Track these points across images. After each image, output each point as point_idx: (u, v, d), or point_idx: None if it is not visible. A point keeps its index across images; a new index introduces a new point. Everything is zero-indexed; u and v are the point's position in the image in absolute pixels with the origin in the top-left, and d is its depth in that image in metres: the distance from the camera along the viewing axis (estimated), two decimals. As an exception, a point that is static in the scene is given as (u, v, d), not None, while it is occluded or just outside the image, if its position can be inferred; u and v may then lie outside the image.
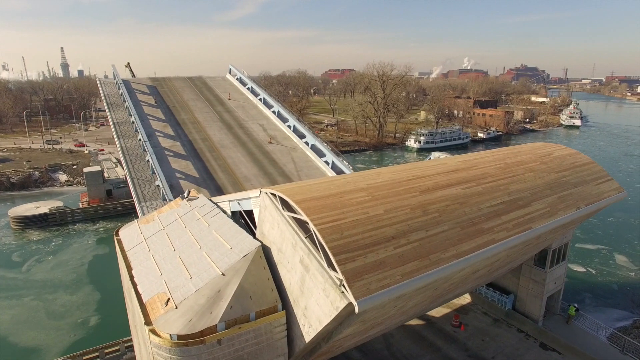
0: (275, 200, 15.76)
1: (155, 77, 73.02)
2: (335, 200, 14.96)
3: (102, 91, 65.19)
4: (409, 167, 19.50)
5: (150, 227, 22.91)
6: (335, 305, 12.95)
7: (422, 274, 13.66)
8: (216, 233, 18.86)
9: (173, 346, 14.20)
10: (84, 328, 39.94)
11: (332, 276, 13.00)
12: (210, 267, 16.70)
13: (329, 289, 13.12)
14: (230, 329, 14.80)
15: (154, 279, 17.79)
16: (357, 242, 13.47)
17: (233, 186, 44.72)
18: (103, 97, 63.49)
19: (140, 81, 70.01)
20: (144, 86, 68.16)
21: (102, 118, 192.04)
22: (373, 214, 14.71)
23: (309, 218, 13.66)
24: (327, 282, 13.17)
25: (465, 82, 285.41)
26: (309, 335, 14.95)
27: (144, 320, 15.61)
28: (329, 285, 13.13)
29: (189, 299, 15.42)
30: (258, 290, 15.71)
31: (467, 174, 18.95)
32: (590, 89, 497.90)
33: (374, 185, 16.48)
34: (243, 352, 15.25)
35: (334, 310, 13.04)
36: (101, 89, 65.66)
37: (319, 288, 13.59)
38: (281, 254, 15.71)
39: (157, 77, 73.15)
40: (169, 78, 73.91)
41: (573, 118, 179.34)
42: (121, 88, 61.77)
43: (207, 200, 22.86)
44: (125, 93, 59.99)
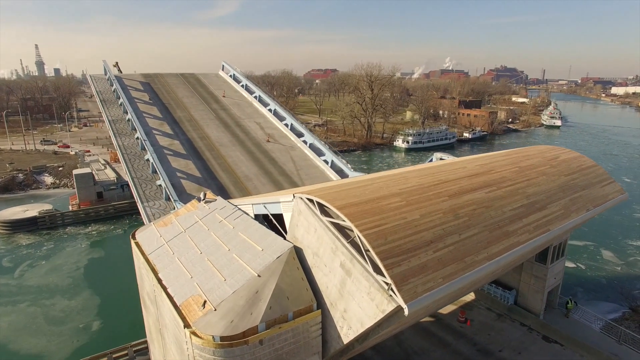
0: (313, 206, 16.17)
1: (147, 74, 71.59)
2: (373, 205, 15.48)
3: (94, 87, 63.84)
4: (432, 170, 20.14)
5: (169, 230, 22.96)
6: (381, 309, 13.46)
7: (461, 276, 14.31)
8: (243, 235, 19.11)
9: (217, 347, 14.47)
10: (86, 333, 39.41)
11: (379, 280, 13.50)
12: (243, 268, 16.97)
13: (375, 292, 13.62)
14: (271, 329, 15.16)
15: (185, 282, 17.96)
16: (400, 247, 14.02)
17: (235, 185, 44.77)
18: (95, 93, 62.17)
19: (132, 77, 68.54)
20: (137, 82, 66.82)
21: (84, 118, 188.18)
22: (410, 219, 15.29)
23: (353, 224, 14.14)
24: (373, 286, 13.67)
25: (447, 82, 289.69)
26: (348, 337, 15.43)
27: (182, 323, 15.79)
28: (374, 289, 13.64)
29: (227, 300, 15.68)
30: (294, 290, 16.10)
31: (488, 178, 19.74)
32: (567, 90, 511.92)
33: (406, 190, 17.07)
34: (282, 352, 15.63)
35: (380, 313, 13.55)
36: (93, 86, 64.15)
37: (363, 292, 14.08)
38: (317, 258, 16.13)
39: (149, 74, 71.72)
40: (161, 74, 72.34)
41: (554, 118, 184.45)
42: (115, 84, 60.51)
43: (226, 202, 23.06)
44: (119, 89, 58.88)
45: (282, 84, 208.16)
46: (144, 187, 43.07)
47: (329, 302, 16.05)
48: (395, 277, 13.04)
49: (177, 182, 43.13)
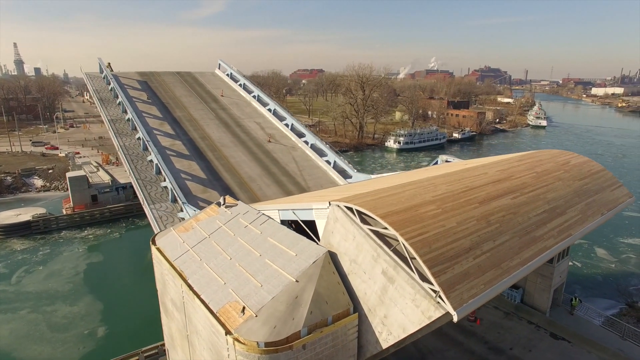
0: (352, 214, 16.48)
1: (144, 72, 70.72)
2: (412, 214, 15.87)
3: (90, 86, 62.83)
4: (456, 176, 20.64)
5: (191, 236, 22.97)
6: (427, 315, 13.85)
7: (500, 282, 14.81)
8: (272, 240, 19.27)
9: (262, 353, 14.66)
10: (92, 340, 38.93)
11: (426, 288, 13.88)
12: (279, 274, 17.16)
13: (421, 299, 14.00)
14: (313, 334, 15.41)
15: (218, 288, 18.05)
16: (443, 255, 14.43)
17: (240, 187, 44.79)
18: (92, 92, 61.24)
19: (128, 76, 67.58)
20: (133, 81, 65.97)
21: (69, 119, 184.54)
22: (449, 226, 15.73)
23: (398, 233, 14.50)
24: (419, 293, 14.05)
25: (433, 82, 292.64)
26: (387, 342, 15.78)
27: (223, 329, 15.92)
28: (420, 296, 14.01)
29: (267, 306, 15.85)
30: (332, 294, 16.38)
31: (510, 184, 20.34)
32: (549, 90, 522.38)
33: (439, 197, 17.51)
34: (322, 355, 15.91)
35: (425, 319, 13.94)
36: (90, 84, 63.20)
37: (407, 299, 14.44)
38: (355, 265, 16.44)
39: (145, 72, 70.87)
40: (157, 73, 71.84)
41: (539, 119, 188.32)
42: (112, 82, 59.75)
43: (248, 207, 23.18)
44: (117, 88, 58.19)
45: (270, 85, 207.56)
46: (149, 189, 42.71)
47: (367, 308, 16.38)
48: (442, 285, 13.45)
49: (182, 183, 42.93)
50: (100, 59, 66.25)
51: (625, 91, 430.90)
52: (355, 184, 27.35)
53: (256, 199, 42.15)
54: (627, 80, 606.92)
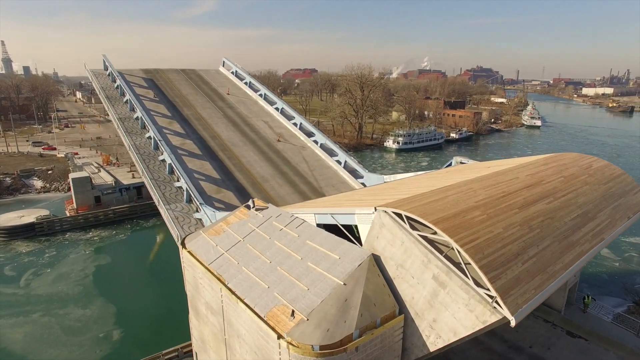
0: (400, 219, 16.78)
1: (148, 69, 69.85)
2: (461, 220, 16.23)
3: (96, 83, 61.55)
4: (491, 181, 21.04)
5: (224, 239, 23.07)
6: (482, 319, 14.21)
7: (548, 286, 15.23)
8: (312, 243, 19.45)
9: (317, 357, 14.91)
10: (108, 343, 38.82)
11: (481, 293, 14.24)
12: (324, 277, 17.38)
13: (475, 304, 14.36)
14: (364, 336, 15.72)
15: (262, 292, 18.22)
16: (495, 261, 14.81)
17: (253, 187, 44.68)
18: (99, 90, 60.06)
19: (133, 73, 66.64)
20: (139, 79, 65.16)
21: (63, 119, 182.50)
22: (496, 232, 16.12)
23: (452, 239, 14.84)
24: (473, 298, 14.41)
25: (426, 82, 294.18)
26: (436, 346, 16.12)
27: (274, 333, 16.13)
28: (475, 301, 14.37)
29: (318, 310, 16.07)
30: (378, 297, 16.69)
31: (543, 189, 20.80)
32: (541, 90, 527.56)
33: (482, 203, 17.89)
34: (371, 357, 16.23)
35: (480, 324, 14.30)
36: (95, 81, 62.00)
37: (460, 303, 14.79)
38: (402, 269, 16.76)
39: (149, 69, 70.02)
40: (162, 70, 71.06)
41: (534, 119, 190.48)
42: (119, 80, 58.80)
43: (280, 210, 23.37)
44: (124, 86, 57.29)
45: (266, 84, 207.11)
46: (163, 189, 42.29)
47: (414, 312, 16.70)
48: (499, 290, 13.81)
49: (195, 183, 42.62)
50: (105, 56, 65.00)
51: (615, 91, 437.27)
52: (381, 187, 27.63)
53: (270, 199, 42.26)
54: (616, 80, 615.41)
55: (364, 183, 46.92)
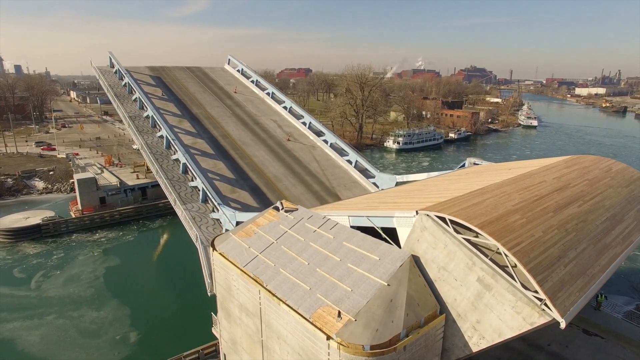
0: (444, 223, 17.20)
1: (154, 66, 69.52)
2: (503, 223, 16.68)
3: (104, 81, 61.11)
4: (521, 185, 21.52)
5: (256, 241, 23.30)
6: (530, 321, 14.67)
7: (590, 289, 15.74)
8: (349, 245, 19.76)
9: (368, 357, 15.28)
10: (125, 345, 38.90)
11: (529, 295, 14.70)
12: (366, 278, 17.69)
13: (523, 306, 14.82)
14: (412, 335, 16.12)
15: (304, 294, 18.49)
16: (541, 264, 15.28)
17: (266, 187, 44.85)
18: (107, 88, 59.66)
19: (139, 70, 66.23)
20: (146, 76, 64.85)
21: (59, 119, 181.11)
22: (537, 236, 16.60)
23: (499, 242, 15.29)
24: (521, 300, 14.86)
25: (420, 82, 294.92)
26: (479, 346, 16.57)
27: (323, 334, 16.45)
28: (522, 303, 14.83)
29: (364, 310, 16.38)
30: (421, 297, 17.10)
31: (571, 193, 21.35)
32: (534, 90, 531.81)
33: (519, 207, 18.37)
34: (416, 356, 16.64)
35: (527, 325, 14.76)
36: (103, 79, 61.58)
37: (506, 305, 15.24)
38: (445, 272, 17.18)
39: (155, 66, 69.70)
40: (168, 67, 70.75)
41: (530, 119, 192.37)
42: (127, 78, 58.56)
43: (311, 212, 23.69)
44: (133, 84, 56.95)
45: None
46: (178, 189, 42.27)
47: (456, 313, 17.13)
48: (547, 293, 14.28)
49: (210, 183, 42.37)
50: (111, 53, 64.48)
51: (607, 92, 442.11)
52: (407, 188, 27.98)
53: (284, 198, 42.55)
54: (608, 80, 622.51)
55: (375, 183, 47.25)
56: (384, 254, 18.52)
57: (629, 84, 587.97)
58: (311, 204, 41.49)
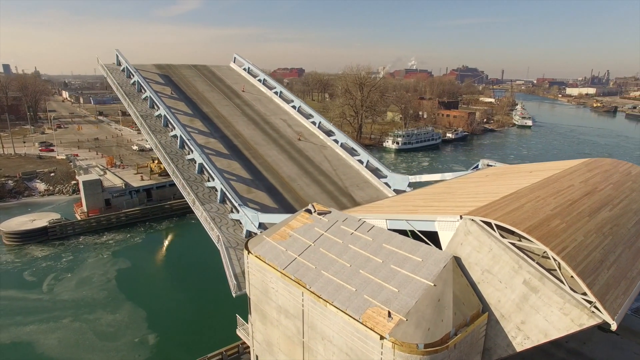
0: (489, 227, 17.81)
1: (160, 64, 68.31)
2: (547, 228, 17.32)
3: (113, 80, 59.76)
4: (552, 189, 22.16)
5: (292, 243, 23.62)
6: (578, 322, 15.33)
7: (632, 291, 16.45)
8: (389, 247, 20.19)
9: (423, 355, 15.78)
10: (145, 347, 39.09)
11: (578, 298, 15.36)
12: (412, 279, 18.12)
13: (571, 308, 15.47)
14: (461, 334, 16.68)
15: (350, 295, 18.88)
16: (587, 267, 15.95)
17: (281, 187, 44.65)
18: (116, 86, 58.50)
19: (145, 68, 64.77)
20: (155, 75, 63.84)
21: (55, 119, 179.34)
22: (579, 240, 17.27)
23: (547, 247, 15.93)
24: (569, 302, 15.51)
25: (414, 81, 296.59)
26: (522, 346, 17.20)
27: (376, 334, 16.92)
28: (570, 305, 15.48)
29: (414, 310, 16.77)
30: (465, 296, 17.67)
31: (600, 197, 22.09)
32: (526, 90, 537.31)
33: (557, 211, 19.02)
34: (462, 353, 17.19)
35: (575, 327, 15.42)
36: (111, 78, 60.28)
37: (554, 307, 15.89)
38: (489, 274, 17.78)
39: (162, 64, 68.51)
40: (174, 65, 69.58)
41: (525, 119, 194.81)
42: (136, 76, 57.51)
43: (345, 214, 24.15)
44: (142, 82, 56.01)
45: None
46: (196, 190, 41.79)
47: (499, 314, 17.74)
48: (597, 295, 14.95)
49: (227, 183, 42.16)
50: (118, 50, 63.19)
51: (597, 91, 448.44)
52: (432, 191, 28.51)
53: (300, 199, 42.70)
54: (597, 80, 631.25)
55: (387, 183, 47.44)
56: (426, 255, 19.05)
57: (617, 84, 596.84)
58: (326, 204, 41.74)
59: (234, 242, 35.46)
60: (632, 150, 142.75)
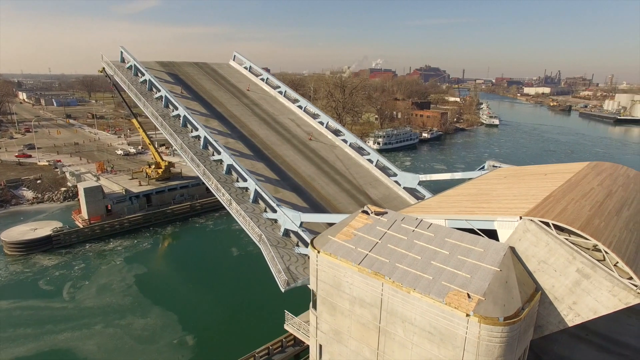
0: (546, 226, 21.71)
1: (164, 62, 66.38)
2: (593, 226, 21.31)
3: (124, 79, 57.71)
4: (579, 192, 26.34)
5: (359, 241, 26.26)
6: (625, 302, 19.34)
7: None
8: (452, 240, 23.70)
9: (504, 326, 19.40)
10: (186, 348, 40.91)
11: (625, 282, 19.46)
12: (479, 266, 21.54)
13: (619, 290, 19.48)
14: (527, 308, 20.35)
15: (428, 283, 22.04)
16: (629, 257, 20.03)
17: (305, 186, 45.67)
18: (128, 86, 56.75)
19: (150, 66, 62.56)
20: (163, 73, 62.11)
21: (21, 123, 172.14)
22: (618, 235, 21.43)
23: (599, 242, 19.94)
24: (617, 286, 19.53)
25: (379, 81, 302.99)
26: (573, 322, 21.16)
27: (462, 313, 20.31)
28: (619, 288, 19.49)
29: (488, 291, 20.12)
30: (524, 278, 21.39)
31: (618, 198, 26.53)
32: (486, 89, 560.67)
33: (593, 212, 23.20)
34: (527, 325, 20.96)
35: (622, 305, 19.40)
36: (122, 77, 58.07)
37: (604, 290, 19.89)
38: (544, 264, 21.65)
39: (165, 62, 66.58)
40: (177, 63, 67.86)
41: (492, 118, 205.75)
42: (147, 75, 55.68)
43: (401, 214, 27.49)
44: (154, 81, 54.47)
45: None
46: (228, 190, 41.93)
47: (553, 297, 21.65)
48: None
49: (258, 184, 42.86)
50: (124, 47, 61.01)
51: (551, 91, 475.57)
52: (461, 192, 32.12)
53: (323, 197, 44.17)
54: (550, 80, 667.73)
55: (397, 181, 49.81)
56: (486, 246, 22.70)
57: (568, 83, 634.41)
58: (347, 202, 44.15)
59: (274, 240, 37.46)
60: (591, 147, 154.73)
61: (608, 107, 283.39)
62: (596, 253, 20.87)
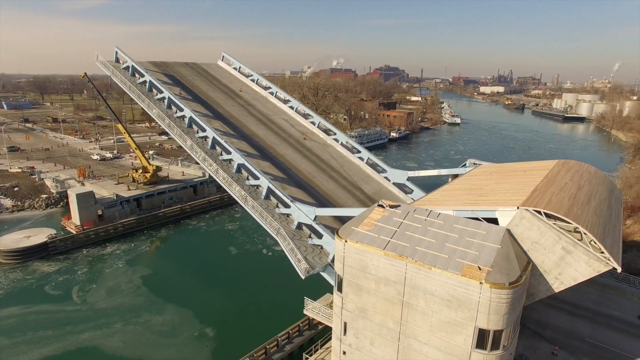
0: (538, 214, 27.32)
1: (156, 62, 65.32)
2: (574, 213, 27.19)
3: (124, 80, 56.89)
4: (558, 186, 32.41)
5: (380, 230, 30.54)
6: (597, 270, 25.14)
7: (620, 249, 26.95)
8: (459, 226, 28.89)
9: (509, 289, 24.65)
10: (208, 339, 44.06)
11: (598, 255, 25.29)
12: (484, 245, 26.81)
13: (593, 262, 25.26)
14: (524, 275, 25.72)
15: (446, 260, 26.92)
16: (600, 236, 25.93)
17: (307, 183, 48.12)
18: (129, 87, 56.20)
19: (142, 66, 60.55)
20: (160, 74, 61.56)
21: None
22: (591, 220, 27.36)
23: (579, 225, 25.73)
24: (592, 258, 25.29)
25: (341, 81, 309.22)
26: (559, 288, 26.88)
27: (477, 281, 25.45)
28: (593, 260, 25.27)
29: (494, 263, 25.37)
30: (519, 253, 26.98)
31: (586, 191, 32.72)
32: (444, 88, 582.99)
33: (571, 202, 29.15)
34: (523, 290, 26.57)
35: (594, 272, 25.24)
36: (121, 78, 57.23)
37: (582, 262, 25.64)
38: (536, 244, 27.18)
39: (157, 62, 65.50)
40: (169, 63, 66.98)
41: (454, 117, 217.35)
42: (147, 76, 55.39)
43: (413, 206, 32.51)
44: (158, 83, 54.35)
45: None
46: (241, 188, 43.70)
47: (542, 270, 27.27)
48: (610, 253, 25.02)
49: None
50: (119, 47, 60.12)
51: (505, 89, 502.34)
52: (456, 187, 37.73)
53: (324, 193, 47.18)
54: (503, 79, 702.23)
55: (387, 177, 53.65)
56: (487, 229, 28.07)
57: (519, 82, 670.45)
58: (345, 196, 47.55)
59: (289, 233, 40.28)
60: (544, 144, 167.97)
61: (557, 106, 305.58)
62: (575, 234, 26.63)
